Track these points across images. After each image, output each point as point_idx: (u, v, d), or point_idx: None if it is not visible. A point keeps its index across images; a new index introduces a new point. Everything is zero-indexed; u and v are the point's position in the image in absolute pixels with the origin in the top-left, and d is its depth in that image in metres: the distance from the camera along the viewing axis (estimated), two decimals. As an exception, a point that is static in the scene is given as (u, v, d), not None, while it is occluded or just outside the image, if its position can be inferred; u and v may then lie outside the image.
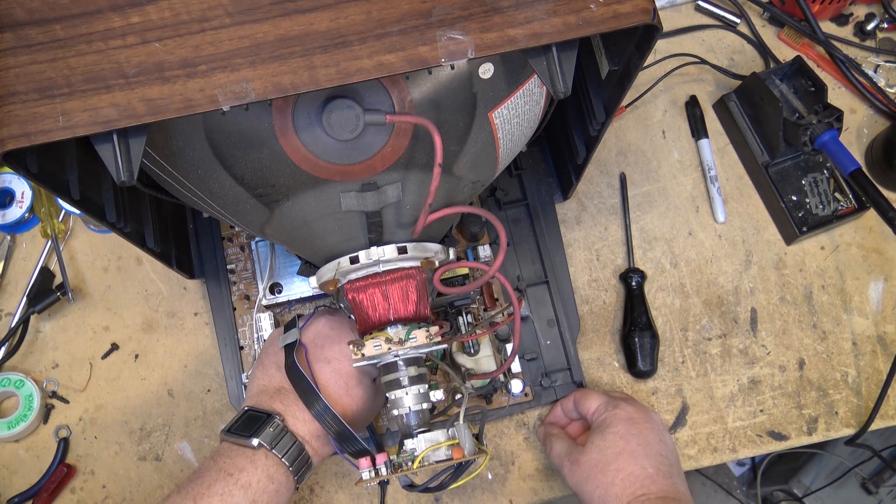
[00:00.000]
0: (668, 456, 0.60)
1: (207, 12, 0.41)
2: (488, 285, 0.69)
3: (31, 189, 0.72)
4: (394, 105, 0.45)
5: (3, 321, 0.71)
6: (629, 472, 0.57)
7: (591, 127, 0.58)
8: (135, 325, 0.71)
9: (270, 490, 0.53)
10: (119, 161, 0.40)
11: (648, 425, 0.60)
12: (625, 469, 0.58)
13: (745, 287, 0.73)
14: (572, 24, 0.41)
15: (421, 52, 0.40)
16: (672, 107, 0.78)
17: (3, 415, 0.68)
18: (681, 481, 0.59)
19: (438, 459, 0.52)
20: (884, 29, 0.80)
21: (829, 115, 0.69)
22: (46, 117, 0.39)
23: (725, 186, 0.75)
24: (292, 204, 0.49)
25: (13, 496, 0.66)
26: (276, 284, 0.68)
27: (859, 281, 0.73)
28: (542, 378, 0.68)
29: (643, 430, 0.60)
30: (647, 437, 0.59)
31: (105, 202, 0.53)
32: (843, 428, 0.70)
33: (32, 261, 0.72)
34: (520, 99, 0.50)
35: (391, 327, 0.53)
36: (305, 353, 0.57)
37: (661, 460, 0.59)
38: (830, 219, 0.72)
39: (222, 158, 0.47)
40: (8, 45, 0.41)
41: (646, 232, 0.74)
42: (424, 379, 0.55)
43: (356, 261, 0.51)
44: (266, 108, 0.45)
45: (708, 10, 0.81)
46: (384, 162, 0.48)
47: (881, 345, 0.72)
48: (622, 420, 0.60)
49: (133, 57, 0.40)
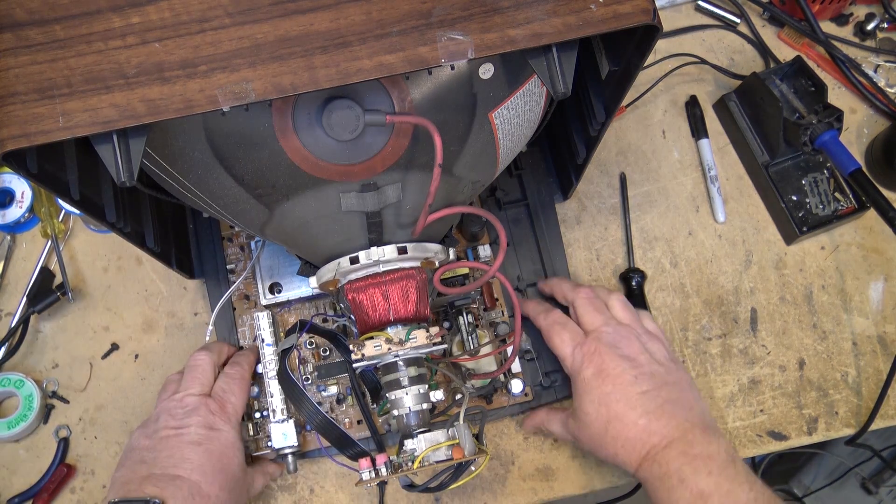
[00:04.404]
0: (656, 386, 0.57)
1: (207, 13, 0.41)
2: (488, 285, 0.69)
3: (31, 189, 0.72)
4: (394, 105, 0.45)
5: (3, 321, 0.71)
6: (624, 437, 0.56)
7: (591, 127, 0.58)
8: (135, 325, 0.70)
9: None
10: (119, 161, 0.40)
11: (620, 369, 0.57)
12: (619, 436, 0.56)
13: (745, 287, 0.73)
14: (572, 25, 0.41)
15: (421, 52, 0.40)
16: (672, 107, 0.78)
17: (3, 415, 0.68)
18: (681, 402, 0.57)
19: (438, 459, 0.52)
20: (884, 29, 0.80)
21: (829, 115, 0.69)
22: (46, 118, 0.39)
23: (725, 186, 0.75)
24: (292, 204, 0.49)
25: (13, 496, 0.65)
26: (276, 284, 0.68)
27: (859, 281, 0.73)
28: (542, 378, 0.68)
29: (617, 381, 0.57)
30: (620, 386, 0.57)
31: (105, 202, 0.53)
32: (843, 428, 0.70)
33: (32, 261, 0.72)
34: (520, 99, 0.50)
35: (391, 328, 0.53)
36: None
37: (647, 401, 0.56)
38: (830, 219, 0.72)
39: (222, 159, 0.47)
40: (8, 46, 0.41)
41: (646, 232, 0.74)
42: (424, 379, 0.55)
43: (356, 261, 0.51)
44: (266, 109, 0.45)
45: (708, 10, 0.81)
46: (384, 162, 0.48)
47: (881, 345, 0.72)
48: (592, 380, 0.58)
49: (133, 57, 0.40)
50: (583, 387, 0.59)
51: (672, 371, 0.59)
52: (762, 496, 0.52)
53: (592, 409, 0.58)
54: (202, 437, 0.56)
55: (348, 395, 0.67)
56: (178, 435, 0.56)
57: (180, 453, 0.55)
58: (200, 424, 0.57)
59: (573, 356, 0.60)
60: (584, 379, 0.58)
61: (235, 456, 0.58)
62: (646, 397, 0.56)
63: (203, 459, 0.55)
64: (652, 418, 0.56)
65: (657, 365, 0.59)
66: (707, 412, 0.59)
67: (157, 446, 0.56)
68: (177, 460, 0.55)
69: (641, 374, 0.57)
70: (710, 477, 0.52)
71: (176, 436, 0.56)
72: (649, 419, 0.56)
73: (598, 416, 0.57)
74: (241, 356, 0.64)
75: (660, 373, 0.58)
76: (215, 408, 0.58)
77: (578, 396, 0.59)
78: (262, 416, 0.65)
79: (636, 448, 0.56)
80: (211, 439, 0.56)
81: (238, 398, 0.60)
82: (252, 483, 0.61)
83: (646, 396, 0.56)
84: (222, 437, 0.57)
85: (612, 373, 0.57)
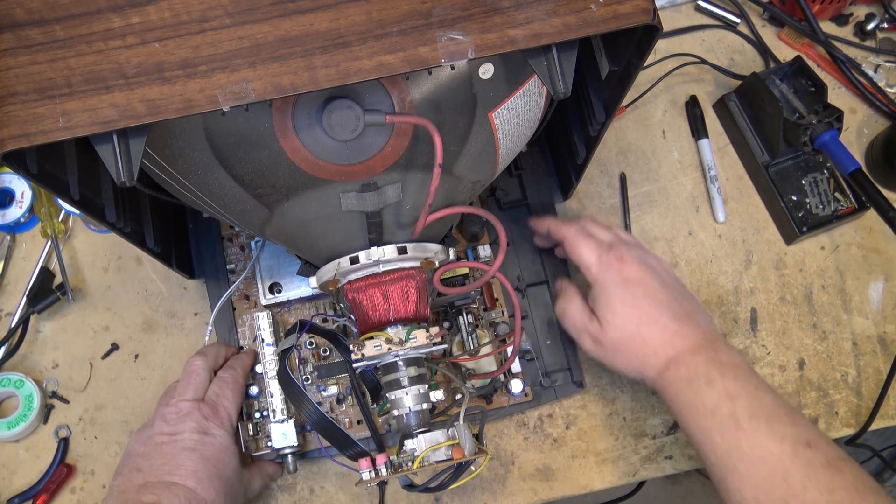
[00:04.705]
0: (677, 297, 0.59)
1: (207, 13, 0.41)
2: (488, 285, 0.69)
3: (31, 189, 0.72)
4: (394, 105, 0.45)
5: (3, 321, 0.71)
6: (655, 339, 0.57)
7: (591, 127, 0.58)
8: (135, 325, 0.70)
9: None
10: (119, 161, 0.40)
11: (648, 277, 0.59)
12: (649, 338, 0.57)
13: (745, 287, 0.73)
14: (572, 25, 0.41)
15: (421, 52, 0.40)
16: (672, 107, 0.78)
17: (3, 415, 0.68)
18: (700, 315, 0.59)
19: (438, 459, 0.52)
20: (884, 29, 0.80)
21: (829, 115, 0.69)
22: (46, 118, 0.39)
23: (725, 186, 0.75)
24: (292, 204, 0.49)
25: (13, 496, 0.65)
26: (275, 284, 0.68)
27: (859, 281, 0.73)
28: (542, 378, 0.68)
29: (647, 286, 0.58)
30: (652, 292, 0.58)
31: (105, 202, 0.53)
32: (843, 428, 0.70)
33: (32, 261, 0.72)
34: (520, 99, 0.50)
35: (391, 327, 0.53)
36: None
37: (675, 307, 0.58)
38: (830, 219, 0.72)
39: (222, 159, 0.47)
40: (8, 46, 0.41)
41: (646, 232, 0.74)
42: (424, 379, 0.55)
43: (356, 261, 0.51)
44: (266, 109, 0.45)
45: (708, 10, 0.81)
46: (384, 162, 0.48)
47: (881, 345, 0.72)
48: (621, 284, 0.59)
49: (133, 57, 0.40)
50: (612, 290, 0.59)
51: (682, 287, 0.61)
52: (784, 402, 0.54)
53: (624, 311, 0.58)
54: (196, 443, 0.56)
55: (348, 395, 0.67)
56: (173, 441, 0.56)
57: (175, 460, 0.55)
58: (194, 430, 0.57)
59: (599, 262, 0.60)
60: (613, 282, 0.59)
61: (230, 460, 0.58)
62: (675, 304, 0.58)
63: (198, 465, 0.55)
64: (683, 324, 0.57)
65: (672, 279, 0.61)
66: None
67: (153, 453, 0.56)
68: (172, 467, 0.55)
69: (665, 283, 0.59)
70: (736, 381, 0.54)
71: (170, 442, 0.56)
72: (680, 325, 0.57)
73: (630, 318, 0.58)
74: (235, 359, 0.64)
75: (677, 286, 0.60)
76: (208, 412, 0.58)
77: (606, 301, 0.59)
78: (262, 416, 0.65)
79: (665, 350, 0.57)
80: (205, 444, 0.57)
81: (231, 402, 0.60)
82: (249, 485, 0.62)
83: (675, 303, 0.58)
84: (216, 441, 0.57)
85: (640, 279, 0.59)
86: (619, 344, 0.59)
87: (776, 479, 0.50)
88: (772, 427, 0.52)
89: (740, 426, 0.52)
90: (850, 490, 0.49)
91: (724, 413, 0.53)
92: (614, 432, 0.68)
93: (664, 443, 0.68)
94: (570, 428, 0.68)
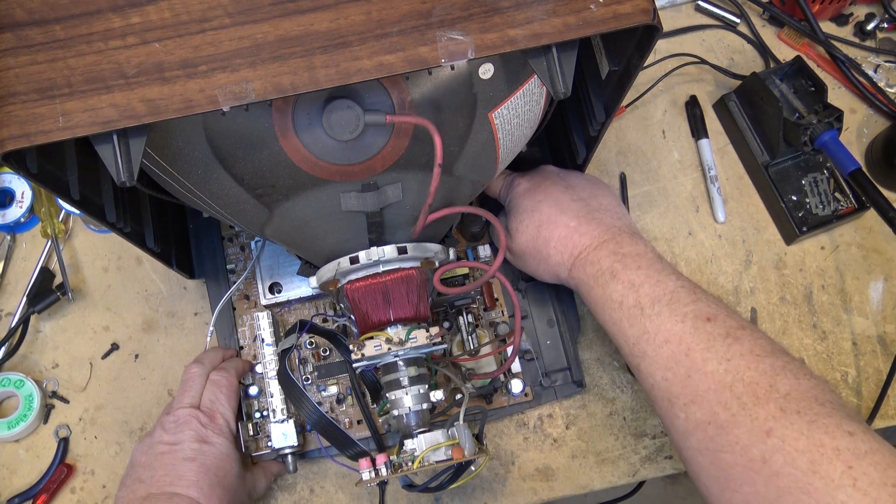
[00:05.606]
0: (579, 197, 0.61)
1: (207, 13, 0.41)
2: (488, 285, 0.69)
3: (31, 189, 0.72)
4: (394, 105, 0.45)
5: (3, 321, 0.71)
6: (557, 237, 0.59)
7: (591, 127, 0.58)
8: (135, 325, 0.71)
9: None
10: (119, 161, 0.40)
11: (546, 182, 0.61)
12: (552, 236, 0.59)
13: (745, 287, 0.73)
14: (572, 25, 0.41)
15: (421, 52, 0.40)
16: (672, 107, 0.78)
17: (3, 415, 0.68)
18: (604, 214, 0.60)
19: (438, 459, 0.52)
20: (884, 29, 0.80)
21: (829, 115, 0.69)
22: (46, 118, 0.39)
23: (725, 186, 0.75)
24: (292, 204, 0.49)
25: (13, 496, 0.66)
26: (276, 284, 0.68)
27: (859, 281, 0.73)
28: (542, 378, 0.68)
29: (547, 191, 0.61)
30: (552, 195, 0.60)
31: (105, 202, 0.53)
32: (843, 428, 0.70)
33: (32, 261, 0.72)
34: (520, 99, 0.50)
35: (391, 327, 0.53)
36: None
37: (576, 206, 0.60)
38: (830, 219, 0.72)
39: (222, 159, 0.47)
40: (8, 46, 0.41)
41: (646, 232, 0.74)
42: (424, 379, 0.55)
43: (356, 261, 0.51)
44: (266, 109, 0.45)
45: (708, 10, 0.81)
46: (384, 162, 0.48)
47: (881, 345, 0.72)
48: (523, 195, 0.62)
49: (133, 57, 0.40)
50: (515, 202, 0.62)
51: (600, 192, 0.62)
52: (687, 283, 0.55)
53: (526, 217, 0.61)
54: (195, 452, 0.57)
55: (348, 395, 0.67)
56: (173, 451, 0.57)
57: (176, 471, 0.56)
58: (193, 439, 0.57)
59: (505, 184, 0.64)
60: (517, 195, 0.62)
61: (231, 466, 0.58)
62: (577, 205, 0.60)
63: (199, 475, 0.56)
64: (582, 221, 0.59)
65: (587, 183, 0.63)
66: (633, 223, 0.62)
67: (154, 463, 0.56)
68: (173, 478, 0.55)
69: (571, 187, 0.61)
70: (639, 270, 0.55)
71: (170, 452, 0.57)
72: (580, 222, 0.59)
73: (532, 222, 0.60)
74: (228, 362, 0.64)
75: (589, 189, 0.62)
76: (205, 420, 0.59)
77: (514, 213, 0.62)
78: (262, 416, 0.65)
79: (567, 248, 0.58)
80: (204, 453, 0.57)
81: (227, 407, 0.60)
82: (254, 486, 0.62)
83: (577, 204, 0.60)
84: (215, 449, 0.58)
85: (543, 185, 0.61)
86: (526, 248, 0.61)
87: (679, 356, 0.51)
88: (672, 308, 0.53)
89: (645, 313, 0.54)
90: (746, 356, 0.49)
91: (629, 303, 0.54)
92: (614, 432, 0.68)
93: (664, 443, 0.68)
94: (570, 428, 0.68)
